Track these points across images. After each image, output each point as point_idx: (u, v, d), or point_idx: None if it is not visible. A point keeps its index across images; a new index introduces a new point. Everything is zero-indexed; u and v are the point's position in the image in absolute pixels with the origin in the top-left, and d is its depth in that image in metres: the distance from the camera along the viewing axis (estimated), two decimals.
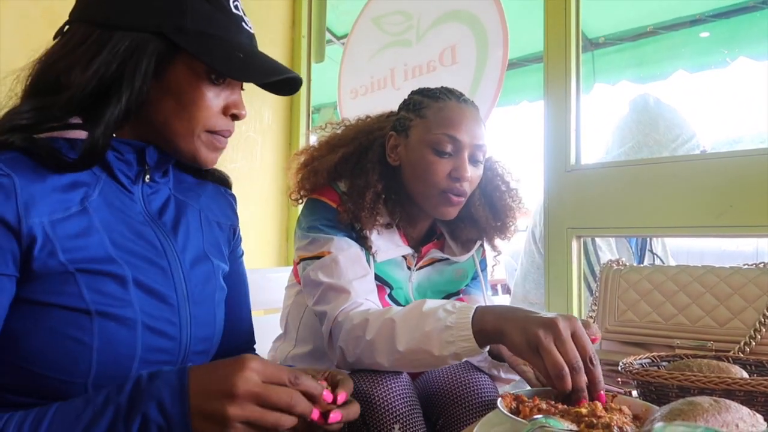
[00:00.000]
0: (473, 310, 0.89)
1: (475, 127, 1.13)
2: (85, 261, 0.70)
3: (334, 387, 0.76)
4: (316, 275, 1.07)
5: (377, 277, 1.16)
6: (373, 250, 1.14)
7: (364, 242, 1.13)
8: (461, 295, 1.29)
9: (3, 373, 0.69)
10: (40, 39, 1.51)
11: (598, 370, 0.77)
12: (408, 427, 0.95)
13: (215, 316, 0.88)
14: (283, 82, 0.85)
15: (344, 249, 1.09)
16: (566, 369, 0.76)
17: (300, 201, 1.24)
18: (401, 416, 0.95)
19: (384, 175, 1.16)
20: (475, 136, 1.12)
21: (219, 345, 0.90)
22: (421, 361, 0.94)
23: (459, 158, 1.11)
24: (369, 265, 1.14)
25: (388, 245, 1.16)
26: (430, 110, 1.14)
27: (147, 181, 0.82)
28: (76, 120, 0.75)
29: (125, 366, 0.73)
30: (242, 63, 0.76)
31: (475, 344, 0.87)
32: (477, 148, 1.13)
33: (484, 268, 1.31)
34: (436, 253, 1.23)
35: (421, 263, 1.22)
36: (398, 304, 1.19)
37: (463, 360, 1.12)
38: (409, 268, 1.21)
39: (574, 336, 0.79)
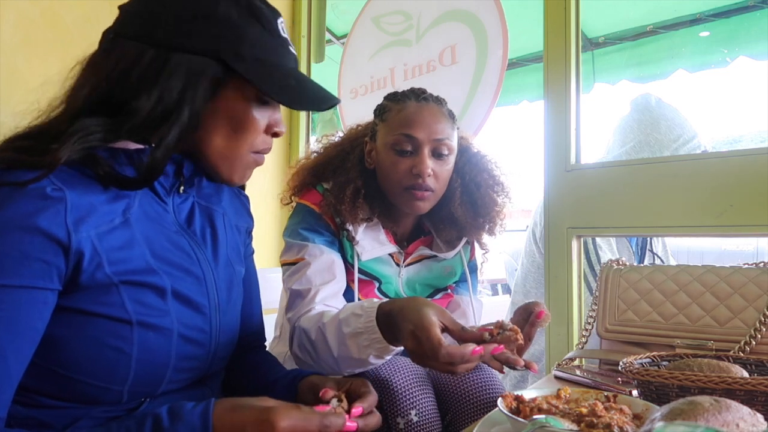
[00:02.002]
0: (376, 311, 0.89)
1: (433, 123, 1.15)
2: (129, 273, 0.71)
3: (356, 399, 0.76)
4: (288, 281, 1.12)
5: (364, 273, 1.18)
6: (358, 249, 1.16)
7: (347, 235, 1.16)
8: (450, 292, 1.31)
9: (41, 378, 0.70)
10: (40, 39, 1.51)
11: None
12: (424, 414, 0.97)
13: (238, 321, 0.90)
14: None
15: (317, 256, 1.12)
16: (459, 366, 0.76)
17: (289, 202, 1.29)
18: (418, 403, 0.97)
19: (363, 174, 1.20)
20: (433, 132, 1.15)
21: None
22: (352, 365, 0.95)
23: (419, 155, 1.14)
24: (353, 263, 1.16)
25: (373, 244, 1.19)
26: (391, 113, 1.19)
27: (180, 192, 0.84)
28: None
29: (159, 373, 0.74)
30: (296, 92, 0.78)
31: (388, 344, 0.88)
32: (437, 142, 1.15)
33: (473, 270, 1.32)
34: (424, 250, 1.25)
35: (409, 260, 1.24)
36: (388, 297, 1.21)
37: None
38: (397, 265, 1.23)
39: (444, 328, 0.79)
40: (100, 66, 0.75)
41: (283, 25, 0.81)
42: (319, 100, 0.81)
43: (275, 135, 0.83)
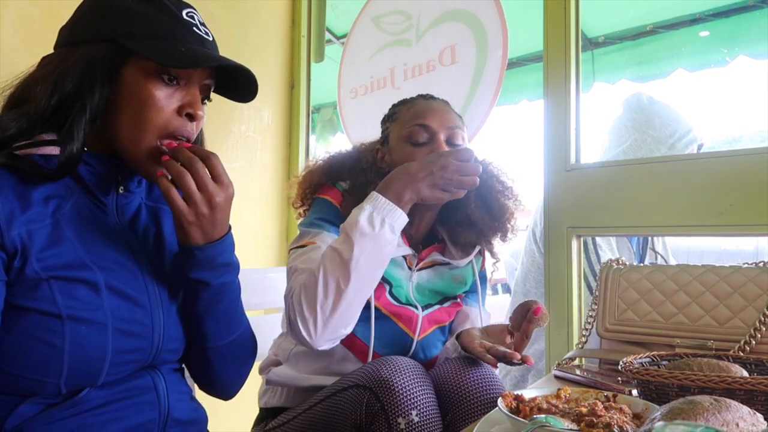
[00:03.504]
0: (378, 194, 1.05)
1: (445, 114, 1.20)
2: (58, 268, 0.74)
3: None
4: (293, 261, 1.12)
5: None
6: None
7: None
8: (459, 301, 1.30)
9: None
10: (40, 39, 1.52)
11: None
12: (425, 414, 0.97)
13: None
14: (243, 86, 0.88)
15: (328, 242, 1.11)
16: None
17: (302, 206, 1.29)
18: (419, 403, 0.97)
19: (380, 176, 1.19)
20: (446, 120, 1.19)
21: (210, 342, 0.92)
22: (371, 256, 1.02)
23: (435, 142, 1.17)
24: None
25: None
26: (401, 113, 1.23)
27: (121, 192, 0.86)
28: (51, 136, 0.78)
29: (96, 367, 0.76)
30: (180, 54, 0.79)
31: (400, 210, 1.04)
32: (451, 129, 1.19)
33: (483, 281, 1.32)
34: (437, 256, 1.24)
35: (421, 264, 1.23)
36: (399, 301, 1.20)
37: (458, 354, 1.15)
38: (409, 268, 1.22)
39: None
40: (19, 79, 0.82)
41: (191, 14, 0.84)
42: (202, 60, 0.81)
43: (190, 118, 0.83)
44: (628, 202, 1.45)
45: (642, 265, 1.40)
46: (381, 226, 1.02)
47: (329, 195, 1.20)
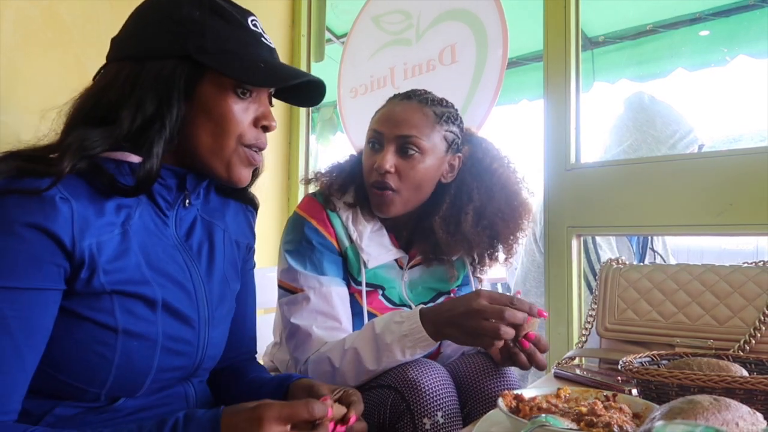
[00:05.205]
0: (418, 314, 1.01)
1: (403, 120, 1.14)
2: (122, 283, 0.74)
3: (347, 406, 0.78)
4: (288, 311, 1.12)
5: (368, 284, 1.17)
6: (365, 257, 1.16)
7: (350, 237, 1.16)
8: (452, 296, 1.29)
9: None
10: (40, 39, 1.51)
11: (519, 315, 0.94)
12: (449, 415, 0.98)
13: (226, 335, 0.92)
14: (306, 92, 0.90)
15: (316, 288, 1.12)
16: (502, 337, 0.93)
17: (308, 182, 1.30)
18: (444, 405, 0.98)
19: (360, 167, 1.22)
20: (399, 128, 1.13)
21: (222, 354, 0.94)
22: (387, 368, 1.02)
23: (382, 151, 1.15)
24: (360, 276, 1.16)
25: (379, 250, 1.18)
26: (375, 114, 1.22)
27: (186, 206, 0.86)
28: (126, 143, 0.78)
29: (139, 381, 0.77)
30: (263, 71, 0.80)
31: (432, 340, 0.99)
32: (402, 139, 1.13)
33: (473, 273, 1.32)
34: (427, 253, 1.24)
35: (412, 262, 1.24)
36: (392, 302, 1.20)
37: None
38: (401, 268, 1.22)
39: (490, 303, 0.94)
40: (88, 91, 0.80)
41: (255, 22, 0.84)
42: (287, 77, 0.82)
43: (265, 129, 0.84)
44: (628, 201, 1.45)
45: (642, 264, 1.40)
46: (411, 355, 1.01)
47: (309, 212, 1.18)
